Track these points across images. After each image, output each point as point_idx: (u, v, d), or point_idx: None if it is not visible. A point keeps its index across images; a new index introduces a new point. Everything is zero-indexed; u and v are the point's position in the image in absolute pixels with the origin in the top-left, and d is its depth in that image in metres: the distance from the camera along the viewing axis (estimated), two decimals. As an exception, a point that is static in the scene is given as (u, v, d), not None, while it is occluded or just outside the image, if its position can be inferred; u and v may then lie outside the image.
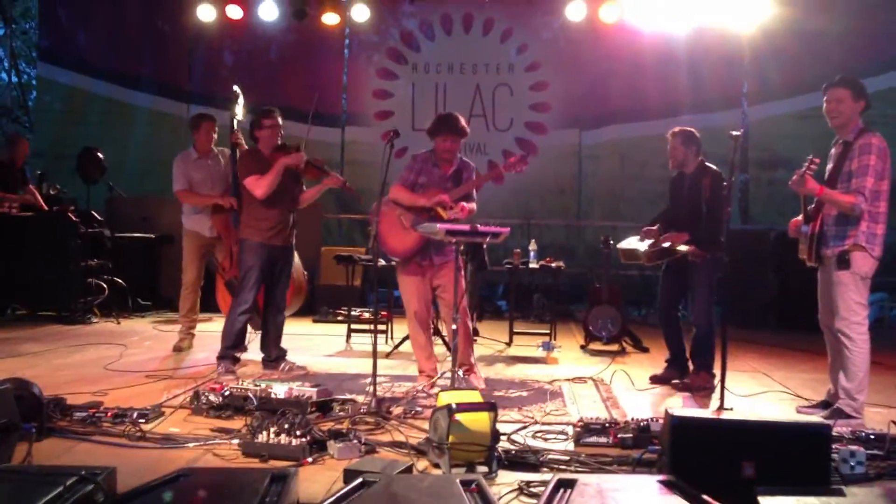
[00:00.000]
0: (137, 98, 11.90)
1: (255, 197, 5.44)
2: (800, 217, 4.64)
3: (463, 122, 5.16)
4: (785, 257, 5.40)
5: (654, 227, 5.60)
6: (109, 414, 4.02)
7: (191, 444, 3.67)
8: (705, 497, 2.60)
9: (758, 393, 5.24)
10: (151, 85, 11.93)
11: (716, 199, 5.25)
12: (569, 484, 2.74)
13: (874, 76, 9.53)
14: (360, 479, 2.75)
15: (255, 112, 5.75)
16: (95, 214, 8.84)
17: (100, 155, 9.35)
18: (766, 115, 11.06)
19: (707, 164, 5.49)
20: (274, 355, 5.76)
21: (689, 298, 5.60)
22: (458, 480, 2.76)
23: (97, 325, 7.99)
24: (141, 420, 3.95)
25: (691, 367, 5.47)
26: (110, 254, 8.69)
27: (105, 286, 8.35)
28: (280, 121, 5.64)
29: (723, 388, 4.23)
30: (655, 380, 5.58)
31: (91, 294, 8.27)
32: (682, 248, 5.30)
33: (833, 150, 4.59)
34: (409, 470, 3.23)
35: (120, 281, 8.58)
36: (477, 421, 3.36)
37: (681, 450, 3.03)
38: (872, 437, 3.74)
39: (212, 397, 4.27)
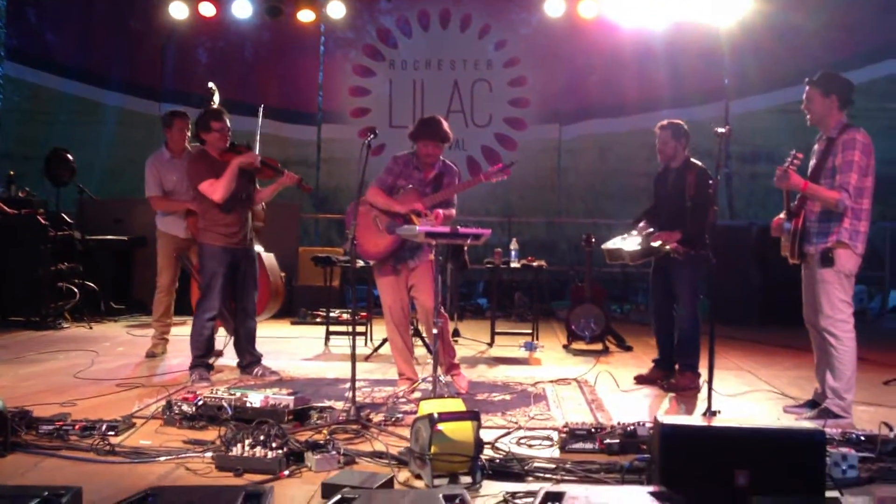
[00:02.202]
0: (108, 97, 11.72)
1: (213, 201, 5.28)
2: (782, 215, 4.56)
3: (446, 126, 5.00)
4: (767, 252, 5.35)
5: (650, 228, 5.48)
6: (77, 427, 3.85)
7: (162, 458, 3.52)
8: (698, 509, 2.50)
9: (744, 392, 5.17)
10: (122, 84, 11.73)
11: (700, 196, 5.15)
12: (557, 497, 2.63)
13: (855, 70, 9.52)
14: (338, 496, 2.64)
15: (201, 113, 5.53)
16: (66, 217, 8.63)
17: (69, 156, 9.11)
18: (746, 109, 11.05)
19: (693, 160, 5.39)
20: (247, 361, 5.61)
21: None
22: (440, 496, 2.66)
23: (68, 331, 7.79)
24: (110, 433, 3.80)
25: (676, 367, 5.37)
26: (81, 257, 8.47)
27: (76, 290, 8.15)
28: (228, 122, 5.46)
29: (710, 389, 4.15)
30: (641, 380, 5.49)
31: (62, 298, 8.07)
32: (666, 247, 5.20)
33: (816, 146, 4.53)
34: (390, 482, 3.11)
35: (91, 284, 8.38)
36: (460, 430, 3.25)
37: (671, 459, 2.92)
38: (863, 438, 3.67)
39: (185, 407, 4.12)
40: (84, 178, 9.47)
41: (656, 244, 5.28)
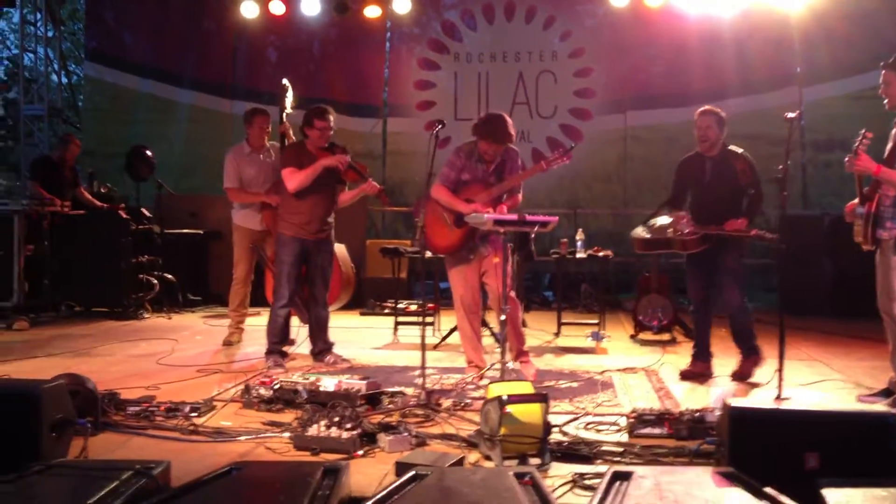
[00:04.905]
0: (181, 95, 12.06)
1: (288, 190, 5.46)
2: (856, 200, 4.49)
3: (510, 126, 5.00)
4: (841, 242, 5.25)
5: (685, 213, 5.25)
6: (162, 408, 4.07)
7: (242, 438, 3.70)
8: (767, 489, 2.52)
9: (815, 382, 5.10)
10: (194, 82, 12.06)
11: (757, 181, 5.06)
12: (625, 476, 2.68)
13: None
14: (412, 472, 2.73)
15: (308, 110, 5.67)
16: (145, 211, 8.97)
17: (148, 153, 9.48)
18: (818, 96, 10.76)
19: (732, 147, 5.21)
20: (319, 348, 5.78)
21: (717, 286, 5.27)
22: (511, 473, 2.72)
23: (149, 321, 8.12)
24: (193, 414, 4.00)
25: (740, 355, 5.21)
26: (160, 250, 8.81)
27: (156, 282, 8.50)
28: (332, 121, 5.59)
29: (780, 377, 4.13)
30: (686, 376, 5.29)
31: (142, 290, 8.42)
32: (768, 235, 4.95)
33: (893, 131, 4.43)
34: (460, 462, 3.20)
35: (170, 276, 8.72)
36: (529, 412, 3.32)
37: (740, 441, 2.93)
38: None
39: (262, 391, 4.29)
40: (160, 174, 9.83)
41: (731, 230, 4.98)
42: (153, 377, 5.07)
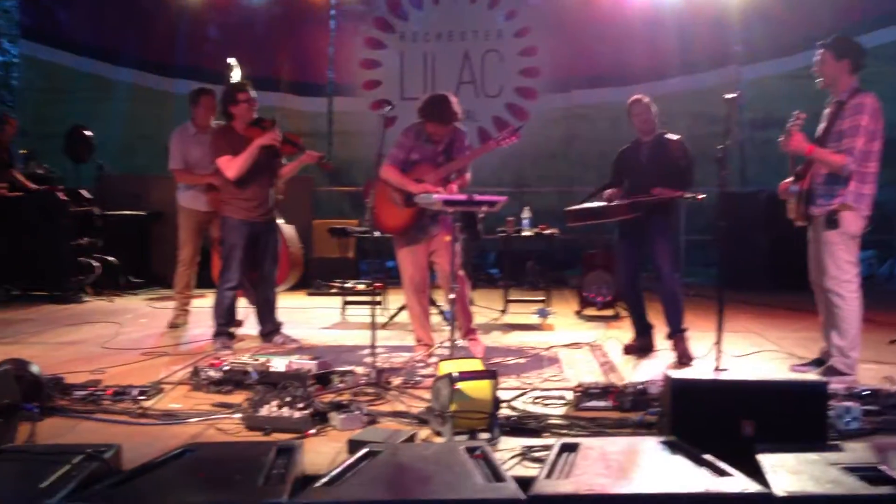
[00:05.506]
0: (121, 74, 11.81)
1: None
2: (789, 179, 4.65)
3: (454, 105, 5.00)
4: (776, 218, 5.43)
5: (616, 190, 5.39)
6: (109, 392, 4.03)
7: (193, 420, 3.69)
8: (706, 456, 2.63)
9: (751, 353, 5.29)
10: (134, 60, 11.81)
11: (689, 159, 5.18)
12: (572, 448, 2.77)
13: (866, 33, 9.49)
14: (365, 450, 2.78)
15: (226, 87, 5.62)
16: (85, 193, 8.77)
17: (88, 133, 9.26)
18: (757, 75, 11.05)
19: (667, 134, 5.32)
20: (268, 329, 5.77)
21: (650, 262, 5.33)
22: (462, 448, 2.79)
23: (90, 304, 7.98)
24: (141, 397, 3.98)
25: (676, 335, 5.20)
26: (101, 232, 8.65)
27: (97, 265, 8.34)
28: (254, 94, 5.54)
29: (719, 349, 4.28)
30: (629, 350, 5.42)
31: (83, 273, 8.26)
32: (698, 196, 5.09)
33: (827, 110, 4.59)
34: (411, 439, 3.25)
35: (112, 259, 8.57)
36: (478, 389, 3.39)
37: (681, 411, 3.06)
38: (867, 392, 3.78)
39: (211, 372, 4.28)
40: (100, 154, 9.61)
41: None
42: (98, 361, 5.01)
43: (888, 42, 10.47)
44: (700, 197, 5.12)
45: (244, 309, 5.98)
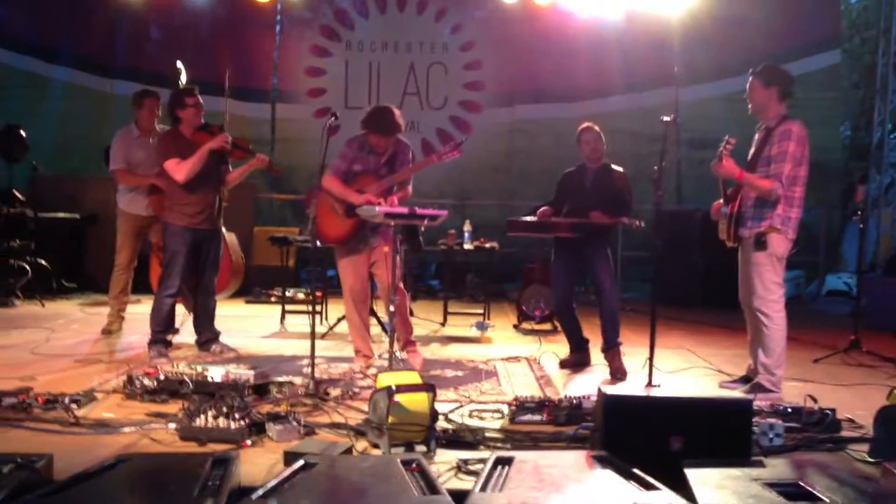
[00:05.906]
0: (57, 72, 11.51)
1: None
2: (720, 200, 4.83)
3: (397, 116, 5.05)
4: (710, 237, 5.60)
5: (551, 210, 5.54)
6: (40, 399, 3.92)
7: (126, 429, 3.63)
8: (635, 470, 2.72)
9: (683, 369, 5.44)
10: (71, 59, 11.53)
11: (629, 198, 5.38)
12: (506, 461, 2.83)
13: (796, 60, 9.87)
14: (301, 462, 2.78)
15: (174, 92, 5.58)
16: (17, 194, 8.54)
17: (22, 132, 9.01)
18: (695, 97, 11.39)
19: (613, 165, 5.52)
20: (205, 338, 5.71)
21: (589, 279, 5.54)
22: (398, 460, 2.82)
23: (20, 308, 7.76)
24: (73, 405, 3.88)
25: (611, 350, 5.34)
26: (33, 234, 8.42)
27: (28, 268, 8.12)
28: (201, 99, 5.51)
29: (651, 365, 4.39)
30: (565, 364, 5.54)
31: (13, 276, 8.02)
32: (636, 222, 5.27)
33: (757, 136, 4.78)
34: (349, 451, 3.27)
35: (43, 262, 8.34)
36: (416, 402, 3.43)
37: (613, 426, 3.15)
38: (790, 410, 3.92)
39: (146, 381, 4.21)
40: (34, 154, 9.36)
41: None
42: (28, 368, 4.88)
43: (818, 69, 10.92)
44: (637, 224, 5.29)
45: (181, 316, 5.90)
